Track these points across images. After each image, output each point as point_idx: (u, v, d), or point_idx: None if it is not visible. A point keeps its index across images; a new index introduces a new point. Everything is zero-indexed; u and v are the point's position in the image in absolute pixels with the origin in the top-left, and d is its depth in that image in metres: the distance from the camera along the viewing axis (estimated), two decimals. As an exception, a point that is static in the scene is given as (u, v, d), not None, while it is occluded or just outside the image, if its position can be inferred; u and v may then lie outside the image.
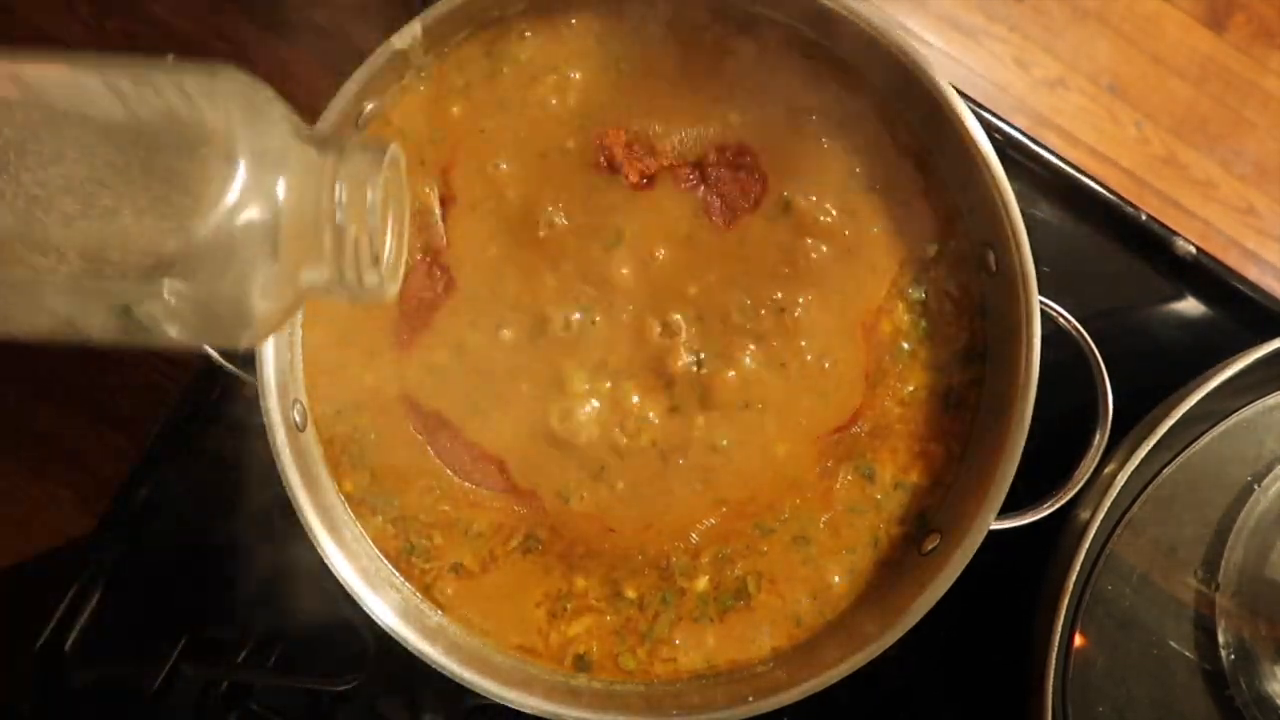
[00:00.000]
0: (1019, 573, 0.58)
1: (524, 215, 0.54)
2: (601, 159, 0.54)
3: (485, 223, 0.54)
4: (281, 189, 0.30)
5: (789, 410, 0.55)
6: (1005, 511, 0.52)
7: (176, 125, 0.30)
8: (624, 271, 0.54)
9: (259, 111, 0.31)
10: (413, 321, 0.54)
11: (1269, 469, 0.58)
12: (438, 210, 0.54)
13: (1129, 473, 0.53)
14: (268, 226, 0.30)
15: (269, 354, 0.51)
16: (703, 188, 0.55)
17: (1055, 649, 0.54)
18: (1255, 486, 0.57)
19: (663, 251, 0.54)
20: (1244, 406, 0.58)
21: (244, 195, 0.29)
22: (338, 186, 0.31)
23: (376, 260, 0.32)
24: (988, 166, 0.51)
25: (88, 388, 0.88)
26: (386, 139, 0.37)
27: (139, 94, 0.30)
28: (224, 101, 0.30)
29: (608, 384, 0.54)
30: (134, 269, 0.30)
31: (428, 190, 0.54)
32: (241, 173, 0.30)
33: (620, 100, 0.54)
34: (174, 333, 0.31)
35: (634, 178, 0.54)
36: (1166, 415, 0.54)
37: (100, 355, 0.88)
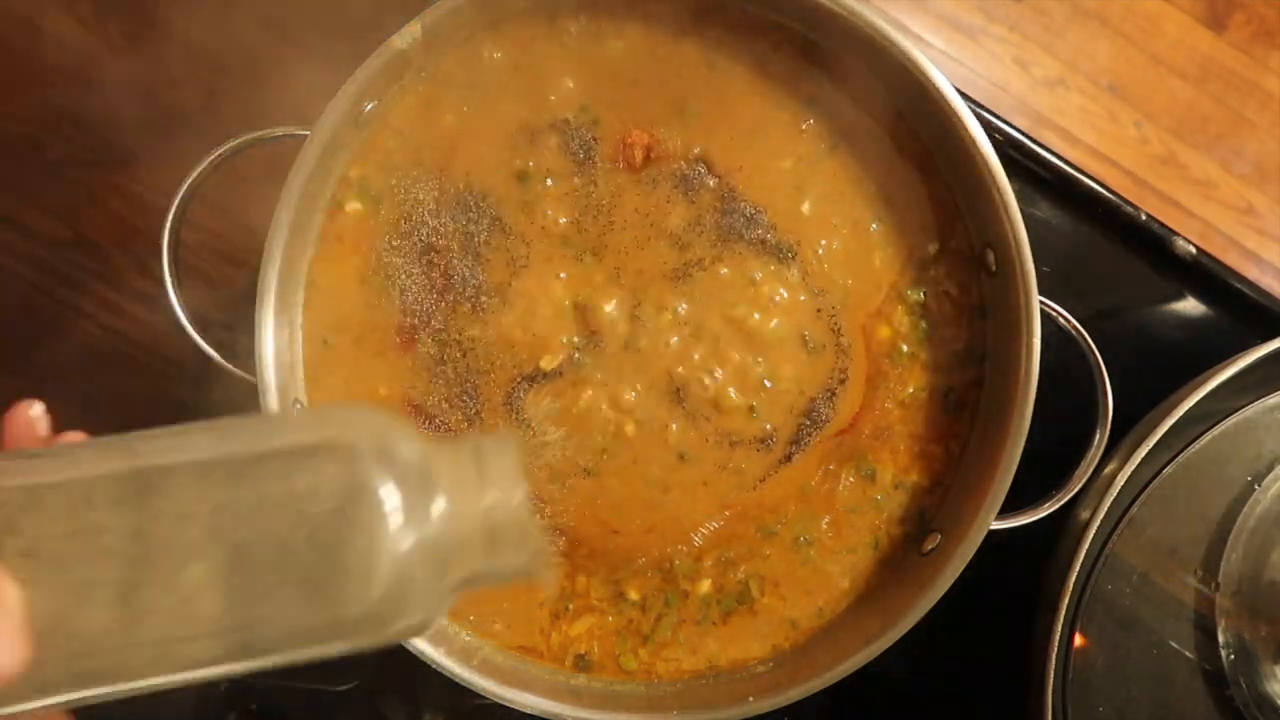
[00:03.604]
0: (1019, 573, 0.58)
1: (522, 213, 0.54)
2: (621, 161, 0.54)
3: (483, 221, 0.54)
4: (438, 510, 0.31)
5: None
6: (1005, 511, 0.52)
7: (320, 480, 0.30)
8: (625, 264, 0.54)
9: (389, 441, 0.31)
10: (414, 321, 0.54)
11: (1269, 469, 0.58)
12: (435, 209, 0.54)
13: (1129, 473, 0.53)
14: (436, 553, 0.31)
15: (269, 354, 0.51)
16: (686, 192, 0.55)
17: (1055, 649, 0.54)
18: (1255, 486, 0.57)
19: (665, 249, 0.54)
20: (1244, 406, 0.58)
21: (407, 536, 0.30)
22: (488, 491, 0.32)
23: (525, 542, 0.33)
24: (988, 166, 0.51)
25: (88, 389, 0.88)
26: (502, 432, 0.40)
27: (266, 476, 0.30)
28: (353, 447, 0.30)
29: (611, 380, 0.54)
30: (302, 639, 0.30)
31: (426, 190, 0.54)
32: (398, 515, 0.30)
33: (620, 103, 0.54)
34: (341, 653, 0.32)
35: (635, 170, 0.54)
36: (1166, 415, 0.54)
37: (100, 356, 0.88)
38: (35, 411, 0.33)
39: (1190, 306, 0.67)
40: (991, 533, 0.51)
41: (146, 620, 0.29)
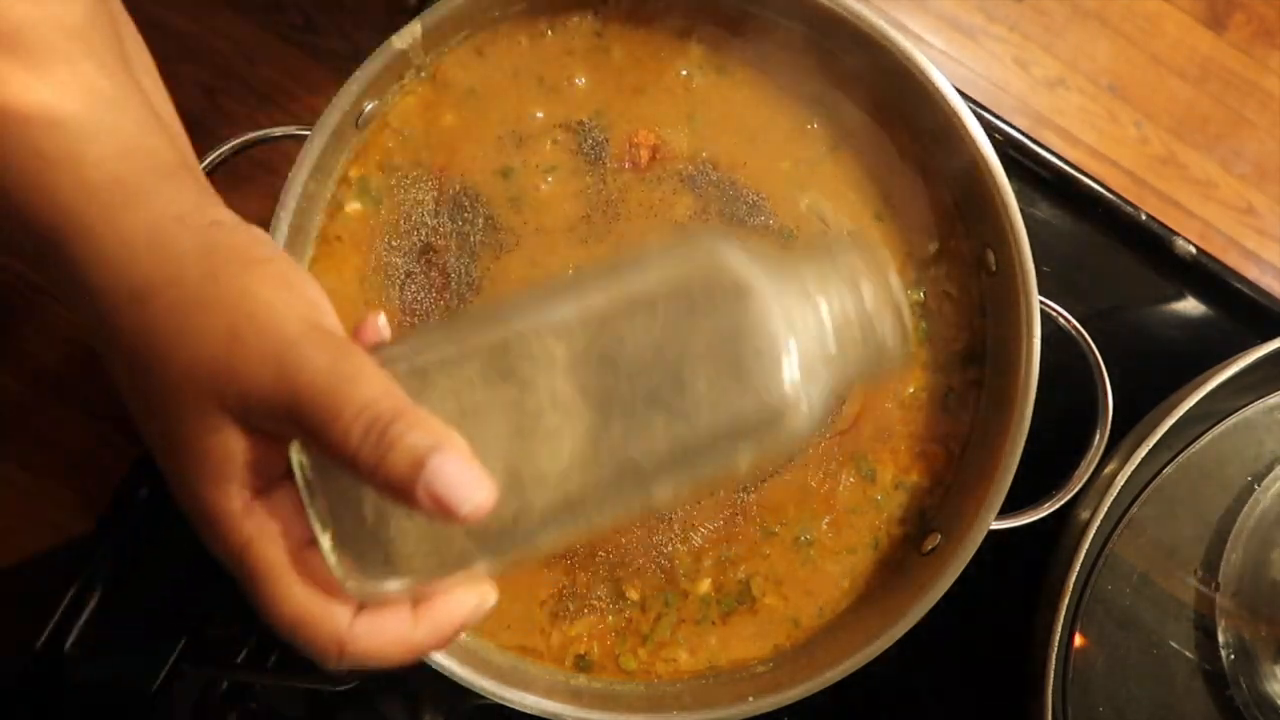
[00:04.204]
0: (1019, 573, 0.58)
1: (516, 213, 0.54)
2: (627, 162, 0.54)
3: (479, 220, 0.54)
4: (825, 313, 0.31)
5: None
6: (1005, 511, 0.52)
7: (706, 303, 0.31)
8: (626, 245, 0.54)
9: (745, 252, 0.32)
10: (413, 320, 0.54)
11: (1269, 469, 0.58)
12: (434, 209, 0.54)
13: (1129, 473, 0.53)
14: (823, 356, 0.31)
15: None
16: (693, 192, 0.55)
17: (1055, 649, 0.54)
18: (1255, 486, 0.57)
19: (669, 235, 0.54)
20: (1244, 406, 0.58)
21: (800, 336, 0.30)
22: (864, 287, 0.32)
23: (899, 329, 0.33)
24: (988, 166, 0.51)
25: (88, 388, 0.88)
26: (860, 237, 0.38)
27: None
28: (720, 264, 0.31)
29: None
30: (724, 441, 0.31)
31: (425, 190, 0.54)
32: (782, 321, 0.30)
33: (624, 103, 0.54)
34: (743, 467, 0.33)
35: (641, 169, 0.54)
36: (1166, 415, 0.54)
37: (100, 355, 0.88)
38: (382, 321, 0.34)
39: (1190, 306, 0.67)
40: (991, 533, 0.51)
41: (543, 476, 0.30)
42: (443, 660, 0.51)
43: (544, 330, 0.31)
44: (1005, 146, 0.64)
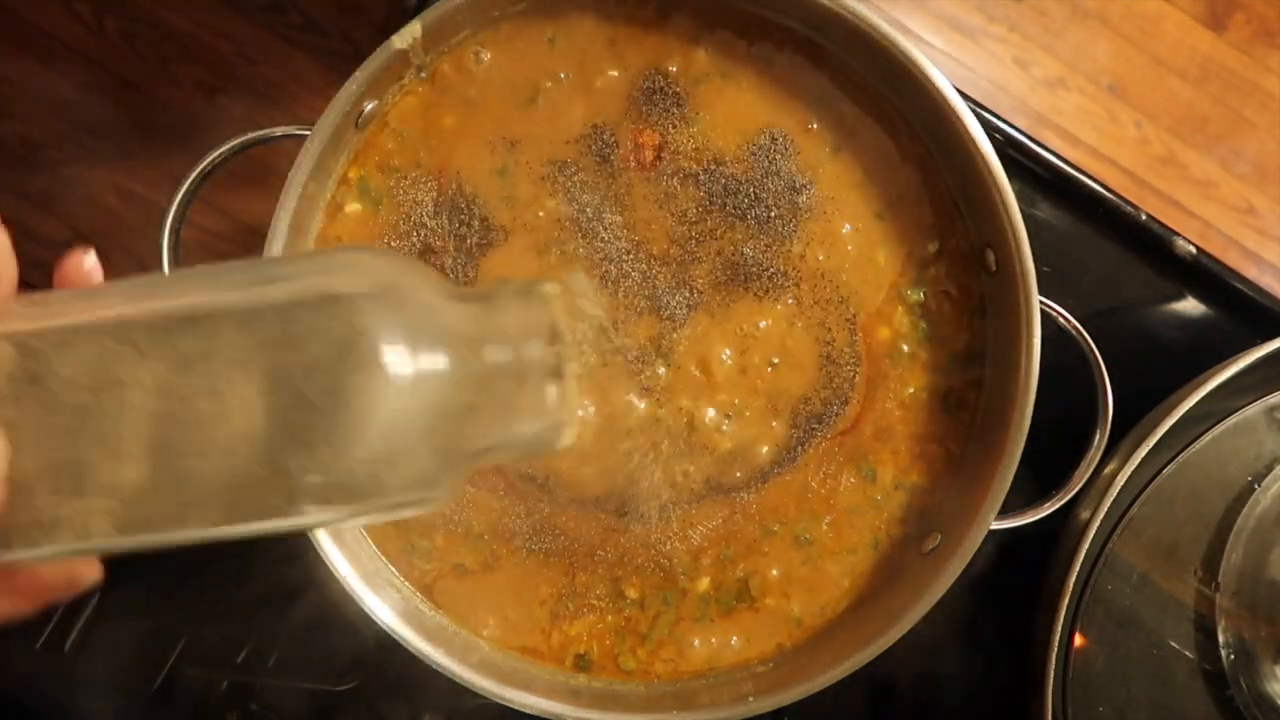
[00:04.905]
0: (1019, 573, 0.58)
1: (521, 211, 0.54)
2: (632, 160, 0.54)
3: (474, 222, 0.54)
4: (444, 367, 0.28)
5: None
6: (1005, 511, 0.52)
7: (315, 330, 0.27)
8: (628, 267, 0.54)
9: (402, 292, 0.28)
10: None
11: (1269, 469, 0.58)
12: (434, 210, 0.54)
13: (1129, 473, 0.53)
14: (443, 415, 0.28)
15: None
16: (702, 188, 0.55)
17: (1055, 649, 0.54)
18: (1255, 486, 0.57)
19: (673, 224, 0.54)
20: (1244, 406, 0.58)
21: (406, 395, 0.27)
22: (515, 347, 0.29)
23: (563, 404, 0.29)
24: (988, 166, 0.51)
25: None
26: (540, 279, 0.33)
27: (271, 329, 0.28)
28: (364, 295, 0.27)
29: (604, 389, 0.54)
30: (310, 493, 0.28)
31: (425, 191, 0.54)
32: (396, 372, 0.27)
33: (627, 104, 0.54)
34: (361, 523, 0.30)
35: (646, 168, 0.54)
36: (1166, 415, 0.54)
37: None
38: (90, 263, 0.30)
39: (1190, 306, 0.67)
40: (991, 533, 0.51)
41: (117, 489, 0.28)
42: (443, 660, 0.51)
43: (148, 343, 0.27)
44: (1005, 146, 0.64)
